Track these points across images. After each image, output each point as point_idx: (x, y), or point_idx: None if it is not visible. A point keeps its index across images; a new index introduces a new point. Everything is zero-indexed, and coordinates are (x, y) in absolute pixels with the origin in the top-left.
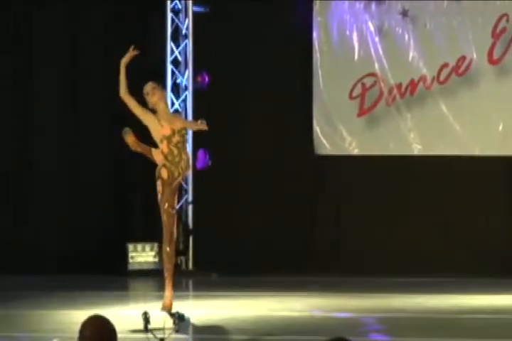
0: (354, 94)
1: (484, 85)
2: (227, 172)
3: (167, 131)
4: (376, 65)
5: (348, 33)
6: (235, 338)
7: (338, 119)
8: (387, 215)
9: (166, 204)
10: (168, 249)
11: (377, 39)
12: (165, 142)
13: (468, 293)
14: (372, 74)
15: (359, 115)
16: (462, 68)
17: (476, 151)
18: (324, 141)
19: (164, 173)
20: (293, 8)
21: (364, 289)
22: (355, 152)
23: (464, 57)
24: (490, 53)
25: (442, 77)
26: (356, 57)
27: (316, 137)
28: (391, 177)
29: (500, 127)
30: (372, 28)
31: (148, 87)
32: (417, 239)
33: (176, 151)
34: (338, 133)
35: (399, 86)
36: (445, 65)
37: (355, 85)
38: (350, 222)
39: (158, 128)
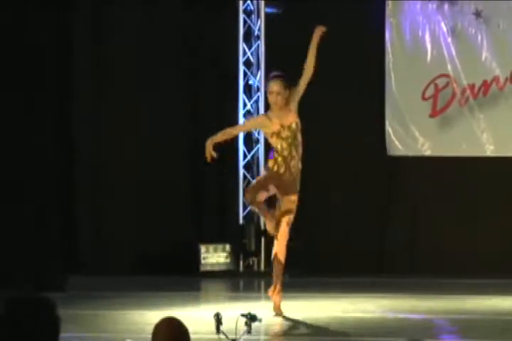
0: (427, 95)
1: None
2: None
3: (276, 127)
4: (449, 66)
5: (420, 33)
6: (308, 339)
7: (411, 120)
8: (460, 216)
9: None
10: (274, 251)
11: (449, 40)
12: (274, 137)
13: None
14: (445, 75)
15: (431, 116)
16: None
17: None
18: (396, 142)
19: (270, 163)
20: (365, 9)
21: (437, 290)
22: (428, 153)
23: None
24: None
25: None
26: (429, 58)
27: (389, 138)
28: (463, 178)
29: None
30: (444, 29)
31: (277, 86)
32: (490, 239)
33: (285, 145)
34: (410, 134)
35: (472, 87)
36: None
37: (427, 86)
38: (423, 223)
39: (268, 126)
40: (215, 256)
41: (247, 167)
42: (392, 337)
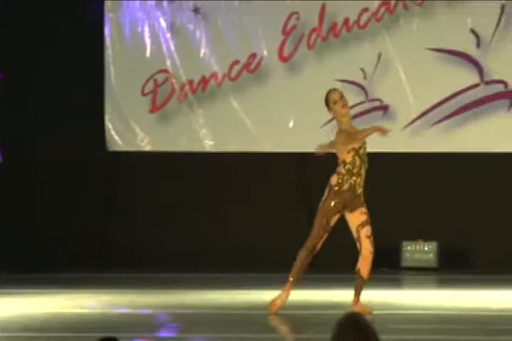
0: (146, 90)
1: (275, 82)
2: (22, 171)
3: (357, 144)
4: (168, 62)
5: (140, 29)
6: (24, 335)
7: (131, 115)
8: (182, 211)
9: (321, 214)
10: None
11: (169, 36)
12: (352, 153)
13: (263, 288)
14: (164, 71)
15: (151, 111)
16: (253, 65)
17: (268, 148)
18: (116, 137)
19: (334, 179)
20: (84, 5)
21: (157, 285)
22: (147, 148)
23: (254, 55)
24: (280, 50)
25: (233, 74)
26: (148, 53)
27: (108, 133)
28: (184, 173)
29: (291, 124)
30: (164, 25)
31: (338, 94)
32: (219, 235)
33: (358, 162)
34: (130, 130)
35: (190, 82)
36: (236, 62)
37: (147, 82)
38: (145, 219)
39: (350, 142)
40: None
41: None
42: (110, 333)
